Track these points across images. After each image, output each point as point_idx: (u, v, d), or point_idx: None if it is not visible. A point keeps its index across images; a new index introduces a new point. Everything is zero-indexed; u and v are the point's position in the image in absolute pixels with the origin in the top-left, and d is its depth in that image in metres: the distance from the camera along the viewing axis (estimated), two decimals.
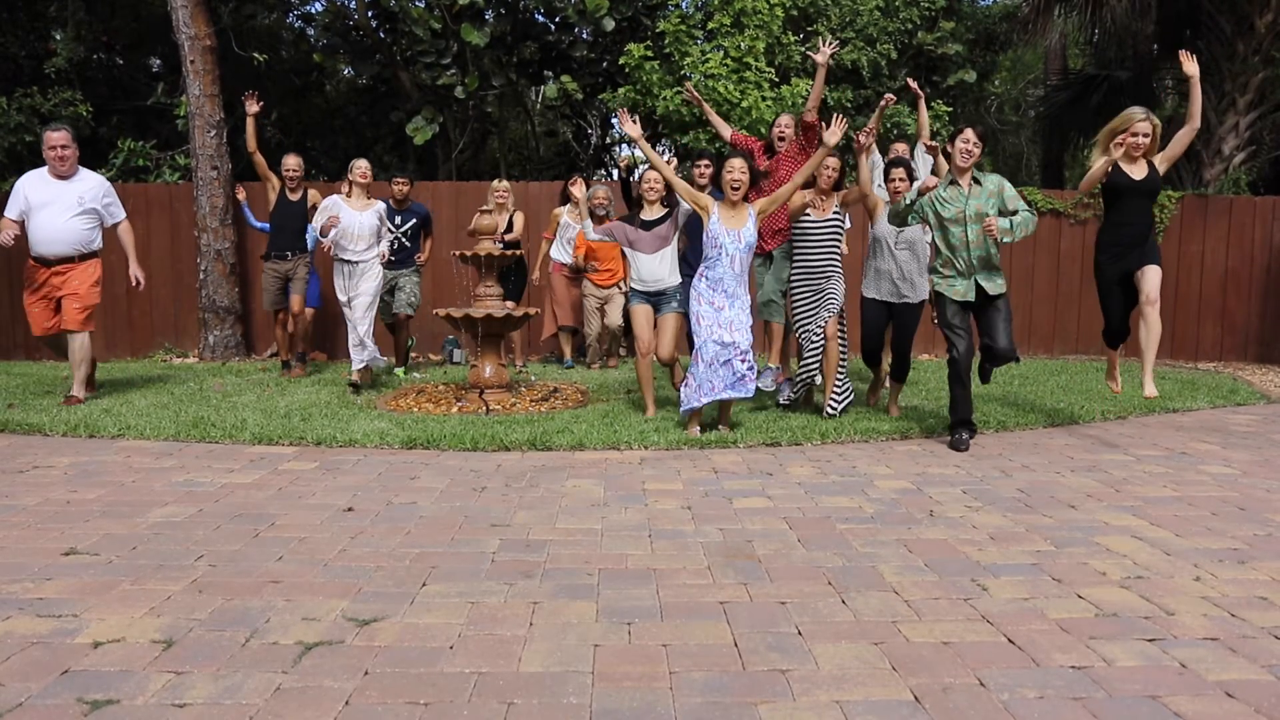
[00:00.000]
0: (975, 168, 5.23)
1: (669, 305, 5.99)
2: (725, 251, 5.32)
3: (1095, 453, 5.18)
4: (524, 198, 9.68)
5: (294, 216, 7.88)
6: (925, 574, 3.13)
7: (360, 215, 7.01)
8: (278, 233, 7.89)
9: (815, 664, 2.41)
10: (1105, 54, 14.70)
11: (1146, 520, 3.81)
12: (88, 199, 6.39)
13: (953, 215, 5.18)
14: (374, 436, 5.26)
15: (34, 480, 4.37)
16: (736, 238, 5.33)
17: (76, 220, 6.33)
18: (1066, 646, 2.52)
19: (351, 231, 6.96)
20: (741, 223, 5.36)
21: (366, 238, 7.01)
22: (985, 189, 5.16)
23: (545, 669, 2.38)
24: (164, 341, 9.75)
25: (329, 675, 2.34)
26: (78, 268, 6.38)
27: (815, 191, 5.85)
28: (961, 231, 5.16)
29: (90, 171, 6.62)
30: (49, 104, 10.05)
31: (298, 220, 7.88)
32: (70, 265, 6.36)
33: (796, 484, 4.41)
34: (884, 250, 5.91)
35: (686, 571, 3.14)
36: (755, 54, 9.91)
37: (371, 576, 3.07)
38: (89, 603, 2.82)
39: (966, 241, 5.15)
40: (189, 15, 9.24)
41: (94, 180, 6.52)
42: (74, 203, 6.31)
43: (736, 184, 5.34)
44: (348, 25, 11.99)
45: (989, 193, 5.15)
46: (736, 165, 5.37)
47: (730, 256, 5.32)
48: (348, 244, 6.97)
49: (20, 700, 2.19)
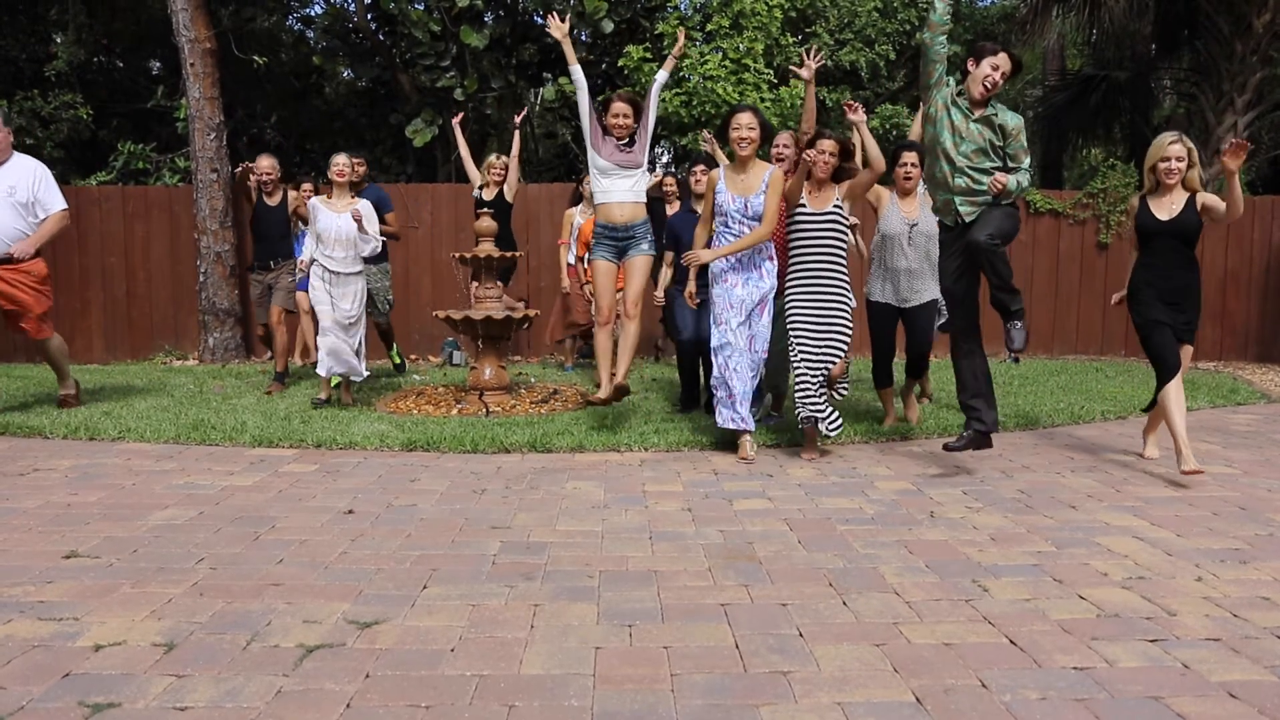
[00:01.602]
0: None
1: (638, 247, 5.32)
2: (731, 220, 4.91)
3: (1096, 453, 5.17)
4: (523, 199, 9.68)
5: (275, 223, 7.35)
6: (926, 575, 3.12)
7: (338, 219, 6.26)
8: (260, 241, 7.42)
9: (817, 665, 2.41)
10: (1103, 54, 14.70)
11: (1147, 520, 3.81)
12: (20, 189, 5.78)
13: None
14: (374, 439, 5.25)
15: (35, 483, 4.36)
16: (743, 205, 4.86)
17: (7, 214, 5.73)
18: (1068, 647, 2.52)
19: (330, 236, 6.24)
20: (750, 188, 4.87)
21: (346, 243, 6.28)
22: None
23: (546, 671, 2.38)
24: (164, 344, 9.74)
25: (330, 678, 2.33)
26: (18, 271, 5.82)
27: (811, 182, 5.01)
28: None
29: (25, 157, 6.01)
30: (50, 107, 10.06)
31: (279, 226, 7.37)
32: (6, 267, 5.78)
33: (797, 485, 4.41)
34: (895, 247, 5.54)
35: (687, 573, 3.14)
36: (754, 55, 9.92)
37: (372, 579, 3.07)
38: (90, 606, 2.81)
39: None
40: (189, 18, 9.25)
41: (27, 167, 5.88)
42: (4, 193, 5.74)
43: (745, 141, 4.82)
44: (347, 28, 12.00)
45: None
46: (744, 120, 4.85)
47: (738, 224, 4.89)
48: (328, 250, 6.26)
49: (22, 704, 2.19)
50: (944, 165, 4.60)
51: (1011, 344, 4.48)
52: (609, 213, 5.29)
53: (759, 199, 4.86)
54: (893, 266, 5.59)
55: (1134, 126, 13.66)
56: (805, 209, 4.92)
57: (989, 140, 4.52)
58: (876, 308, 5.71)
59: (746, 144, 4.81)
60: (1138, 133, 13.44)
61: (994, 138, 4.53)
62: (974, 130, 4.53)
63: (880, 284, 5.69)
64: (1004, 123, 4.51)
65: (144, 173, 10.44)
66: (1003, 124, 4.51)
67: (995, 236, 4.46)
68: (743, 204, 4.87)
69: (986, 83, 4.44)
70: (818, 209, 4.91)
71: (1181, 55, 13.13)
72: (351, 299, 6.33)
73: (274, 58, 12.31)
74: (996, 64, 4.46)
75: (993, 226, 4.48)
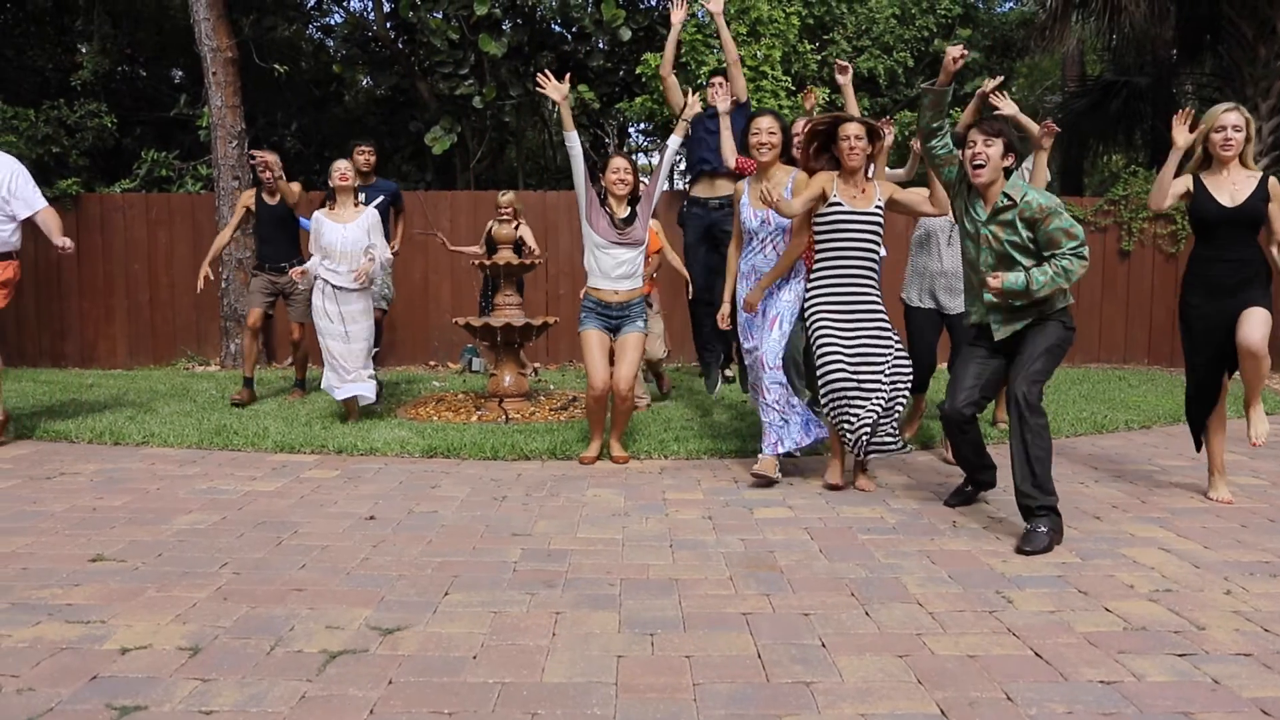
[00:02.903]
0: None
1: (633, 325, 5.05)
2: (756, 236, 4.61)
3: (1119, 463, 5.13)
4: (541, 207, 9.71)
5: (274, 222, 6.99)
6: (949, 585, 3.10)
7: (344, 229, 5.86)
8: (265, 244, 7.05)
9: (840, 676, 2.40)
10: (1124, 60, 14.61)
11: (1174, 532, 3.77)
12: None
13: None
14: (394, 445, 5.27)
15: (61, 486, 4.41)
16: (765, 220, 4.58)
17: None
18: (1095, 661, 2.50)
19: (335, 249, 5.81)
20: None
21: (353, 256, 5.85)
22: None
23: (569, 680, 2.37)
24: (186, 349, 9.81)
25: (353, 684, 2.34)
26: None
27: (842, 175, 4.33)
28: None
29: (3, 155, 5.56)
30: (75, 115, 10.16)
31: (281, 226, 7.00)
32: None
33: (817, 494, 4.39)
34: (934, 247, 5.03)
35: (708, 582, 3.13)
36: (771, 63, 9.90)
37: (394, 585, 3.08)
38: (116, 609, 2.84)
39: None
40: (211, 28, 9.34)
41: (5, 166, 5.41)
42: None
43: (765, 146, 4.50)
44: (367, 36, 12.07)
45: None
46: (764, 124, 4.52)
47: (761, 240, 4.60)
48: (333, 264, 5.84)
49: (51, 705, 2.21)
50: (971, 270, 3.93)
51: (1024, 548, 3.48)
52: (601, 294, 5.00)
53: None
54: (930, 270, 5.13)
55: (1155, 132, 13.55)
56: (842, 207, 4.26)
57: (1009, 242, 3.72)
58: (918, 315, 5.19)
59: (767, 149, 4.53)
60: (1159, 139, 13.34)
61: (1019, 237, 3.70)
62: (989, 235, 3.77)
63: (918, 289, 5.20)
64: (1027, 214, 3.67)
65: (167, 180, 10.53)
66: (1027, 217, 3.67)
67: (1038, 385, 3.61)
68: (764, 217, 4.56)
69: (975, 164, 3.72)
70: (858, 208, 4.28)
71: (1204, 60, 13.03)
72: (364, 315, 5.95)
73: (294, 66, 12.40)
74: (975, 141, 3.72)
75: (1037, 367, 3.63)
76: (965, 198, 3.87)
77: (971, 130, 3.76)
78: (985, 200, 3.78)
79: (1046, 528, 3.52)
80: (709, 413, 6.37)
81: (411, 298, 9.53)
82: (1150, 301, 10.07)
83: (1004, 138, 3.70)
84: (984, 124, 3.76)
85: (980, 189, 3.77)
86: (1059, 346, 3.72)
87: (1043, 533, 3.50)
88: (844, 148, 4.26)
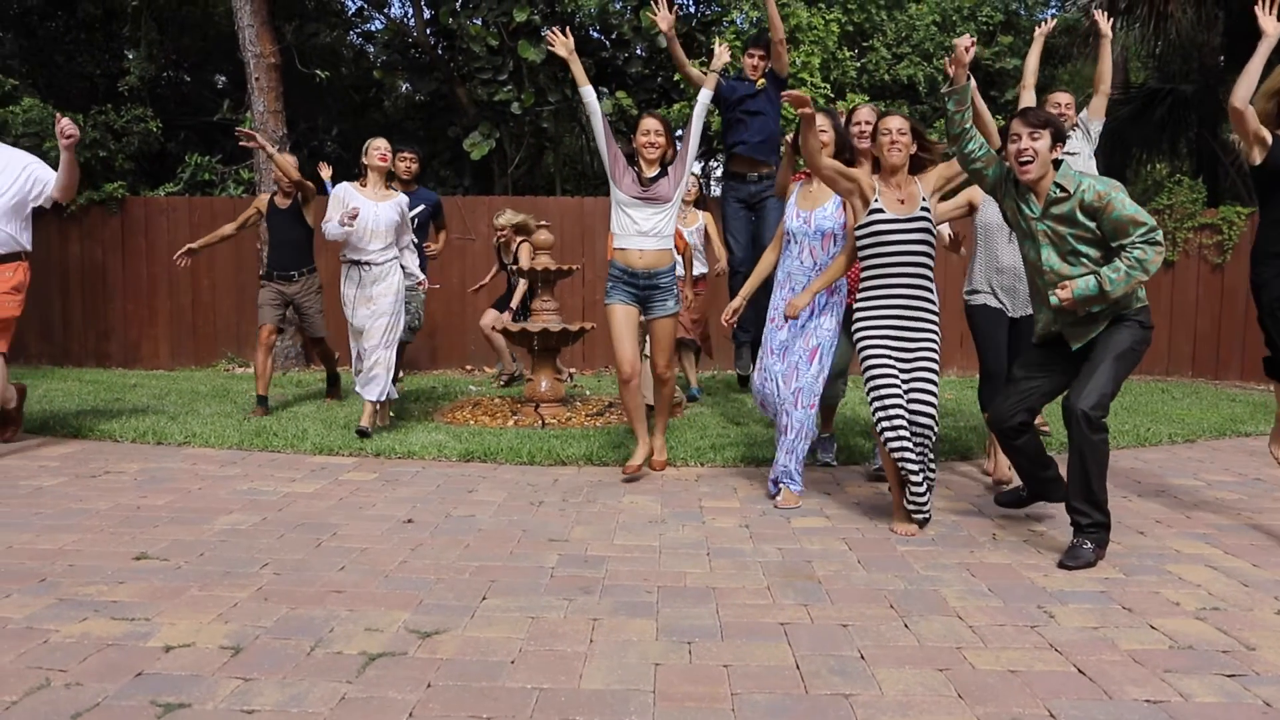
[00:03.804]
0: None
1: (663, 305, 4.71)
2: (793, 237, 4.40)
3: (1163, 477, 5.04)
4: (579, 213, 9.74)
5: (284, 227, 6.68)
6: (989, 599, 3.07)
7: (377, 207, 5.60)
8: (274, 250, 6.75)
9: (879, 689, 2.38)
10: (1169, 67, 14.39)
11: (1220, 549, 3.70)
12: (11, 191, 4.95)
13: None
14: (432, 448, 5.31)
15: (106, 485, 4.48)
16: (806, 220, 4.33)
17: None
18: (1140, 679, 2.45)
19: (366, 226, 5.55)
20: (817, 201, 4.36)
21: (384, 235, 5.61)
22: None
23: (606, 686, 2.37)
24: (226, 351, 9.96)
25: (392, 686, 2.36)
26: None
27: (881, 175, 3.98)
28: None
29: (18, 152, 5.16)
30: (122, 120, 10.37)
31: (298, 229, 6.69)
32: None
33: (855, 503, 4.36)
34: (996, 242, 4.63)
35: (746, 591, 3.11)
36: (811, 70, 9.87)
37: (432, 588, 3.10)
38: (160, 607, 2.88)
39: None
40: (255, 34, 9.50)
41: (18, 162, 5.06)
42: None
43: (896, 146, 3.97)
44: (407, 42, 12.20)
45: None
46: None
47: (799, 245, 4.38)
48: (359, 241, 5.59)
49: (98, 700, 2.25)
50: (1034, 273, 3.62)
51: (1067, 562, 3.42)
52: (625, 255, 4.66)
53: (825, 214, 4.30)
54: (994, 265, 4.67)
55: (1200, 141, 13.34)
56: (883, 214, 3.87)
57: (1072, 235, 3.42)
58: (984, 314, 4.69)
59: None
60: (1204, 147, 13.13)
61: (1081, 229, 3.40)
62: (1047, 231, 3.49)
63: (985, 284, 4.72)
64: (1086, 202, 3.35)
65: (209, 184, 10.71)
66: (1086, 205, 3.36)
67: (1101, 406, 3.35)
68: (806, 219, 4.36)
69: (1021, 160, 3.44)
70: (899, 214, 3.86)
71: None
72: (389, 292, 5.62)
73: (335, 72, 12.57)
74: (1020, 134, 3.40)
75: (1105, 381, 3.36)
76: (1015, 196, 3.56)
77: (1014, 121, 3.46)
78: (1037, 195, 3.48)
79: (1092, 543, 3.45)
80: (745, 421, 6.36)
81: (449, 302, 9.60)
82: (1195, 313, 9.89)
83: (1051, 127, 3.40)
84: (1028, 115, 3.45)
85: (1030, 185, 3.48)
86: (1133, 352, 3.42)
87: (1087, 548, 3.44)
88: (883, 143, 3.90)
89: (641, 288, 4.68)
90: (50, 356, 10.00)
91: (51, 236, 9.89)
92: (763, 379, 4.43)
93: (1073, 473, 3.46)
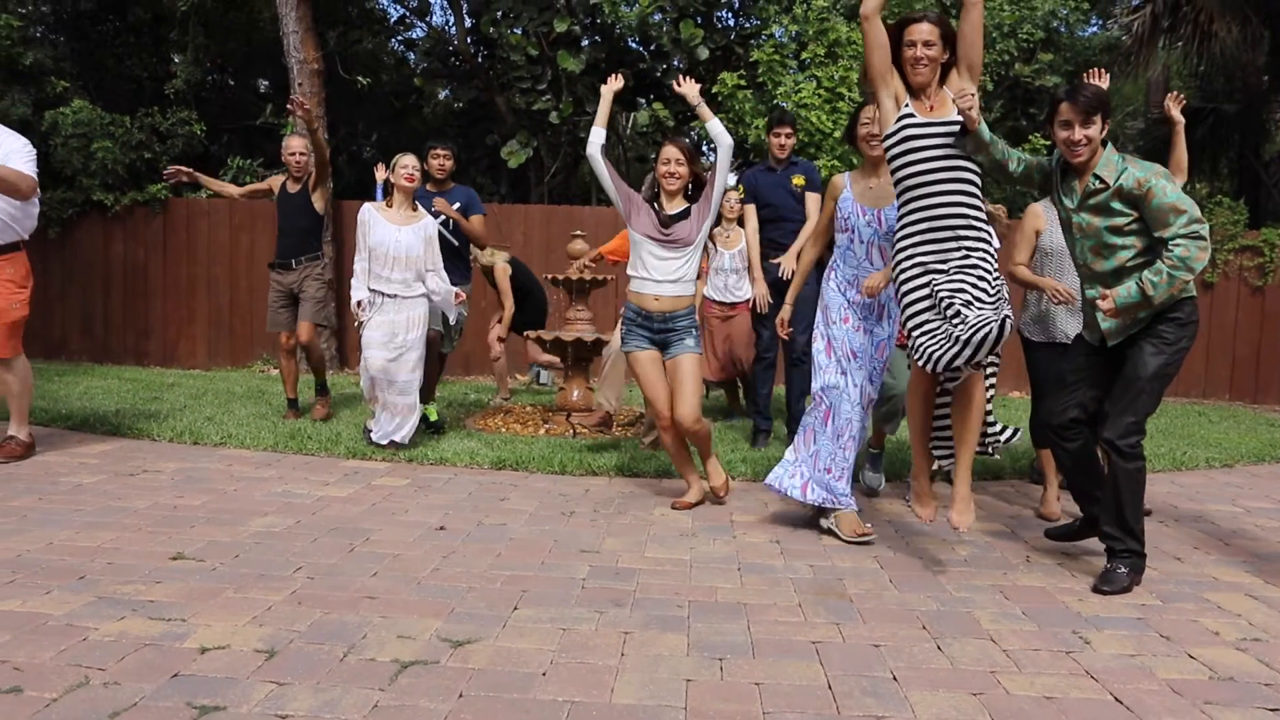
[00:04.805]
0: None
1: (682, 344, 4.34)
2: (858, 236, 4.04)
3: (1200, 502, 4.96)
4: (616, 223, 9.76)
5: (293, 213, 6.32)
6: (1023, 623, 3.03)
7: (399, 232, 5.32)
8: (280, 236, 6.40)
9: (912, 712, 2.36)
10: (1212, 86, 14.21)
11: (1261, 577, 3.63)
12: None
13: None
14: (464, 455, 5.34)
15: (143, 484, 4.55)
16: (875, 218, 4.00)
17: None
18: (1179, 710, 2.41)
19: (387, 253, 5.28)
20: (886, 197, 3.96)
21: (406, 263, 5.32)
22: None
23: (638, 702, 2.37)
24: (263, 352, 10.08)
25: (424, 695, 2.37)
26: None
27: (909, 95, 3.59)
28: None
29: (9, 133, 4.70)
30: (167, 123, 10.55)
31: (305, 216, 6.33)
32: None
33: (886, 521, 4.33)
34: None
35: (777, 608, 3.10)
36: (848, 84, 9.85)
37: (464, 597, 3.11)
38: (195, 608, 2.91)
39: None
40: (299, 40, 9.64)
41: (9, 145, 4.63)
42: None
43: (876, 138, 3.86)
44: (448, 51, 12.34)
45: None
46: (873, 114, 3.95)
47: (865, 243, 4.03)
48: (381, 269, 5.33)
49: (135, 700, 2.28)
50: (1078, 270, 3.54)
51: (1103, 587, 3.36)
52: (641, 299, 4.36)
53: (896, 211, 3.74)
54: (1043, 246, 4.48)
55: (1243, 161, 13.16)
56: (914, 119, 3.48)
57: (1107, 227, 3.29)
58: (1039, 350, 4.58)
59: (878, 142, 3.84)
60: (1247, 167, 12.94)
61: (1116, 218, 3.27)
62: (1081, 224, 3.36)
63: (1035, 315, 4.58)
64: (1126, 189, 3.20)
65: None
66: (1126, 193, 3.21)
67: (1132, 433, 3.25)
68: (874, 217, 4.00)
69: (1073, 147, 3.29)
70: (936, 118, 3.48)
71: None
72: (417, 325, 5.40)
73: (376, 78, 12.71)
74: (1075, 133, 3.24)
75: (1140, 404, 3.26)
76: (1058, 181, 3.40)
77: (1063, 106, 3.25)
78: (1080, 181, 3.33)
79: (1127, 568, 3.41)
80: (777, 435, 6.33)
81: (484, 310, 9.65)
82: (1234, 336, 9.74)
83: (1103, 112, 3.22)
84: (1079, 99, 3.22)
85: (1078, 170, 3.32)
86: (1171, 364, 3.26)
87: (1123, 573, 3.39)
88: (908, 57, 3.52)
89: (656, 330, 4.38)
90: (91, 353, 10.19)
91: (96, 236, 10.08)
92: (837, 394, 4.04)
93: (1106, 497, 3.44)
